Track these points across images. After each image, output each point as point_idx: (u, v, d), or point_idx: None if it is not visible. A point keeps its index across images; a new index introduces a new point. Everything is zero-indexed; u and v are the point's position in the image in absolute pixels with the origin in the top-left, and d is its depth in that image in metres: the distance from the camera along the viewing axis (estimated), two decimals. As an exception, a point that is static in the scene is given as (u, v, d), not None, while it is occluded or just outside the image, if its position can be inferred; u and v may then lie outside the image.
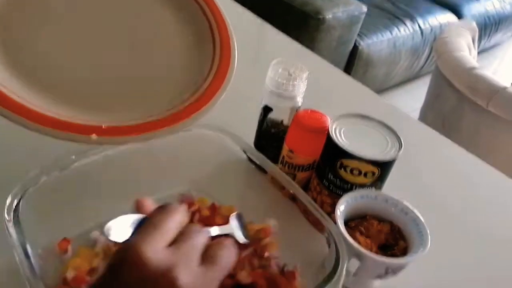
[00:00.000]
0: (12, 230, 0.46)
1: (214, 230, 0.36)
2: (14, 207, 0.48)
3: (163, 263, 0.30)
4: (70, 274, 0.50)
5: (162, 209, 0.35)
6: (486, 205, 0.76)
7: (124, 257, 0.30)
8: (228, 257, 0.34)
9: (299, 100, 0.65)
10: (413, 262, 0.53)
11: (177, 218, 0.34)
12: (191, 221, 0.58)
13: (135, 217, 0.35)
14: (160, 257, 0.30)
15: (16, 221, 0.47)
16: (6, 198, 0.49)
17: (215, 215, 0.61)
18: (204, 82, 0.58)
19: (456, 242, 0.68)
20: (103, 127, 0.50)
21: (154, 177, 0.62)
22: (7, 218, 0.47)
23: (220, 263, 0.33)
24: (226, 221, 0.60)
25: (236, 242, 0.36)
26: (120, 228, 0.33)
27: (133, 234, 0.33)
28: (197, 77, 0.59)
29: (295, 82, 0.63)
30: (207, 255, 0.33)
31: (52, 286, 0.48)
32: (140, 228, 0.33)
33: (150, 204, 0.36)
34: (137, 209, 0.36)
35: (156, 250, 0.30)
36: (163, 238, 0.32)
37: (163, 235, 0.32)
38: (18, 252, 0.45)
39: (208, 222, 0.59)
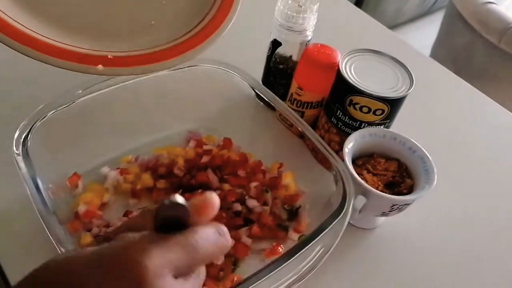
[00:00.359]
0: (21, 164, 0.47)
1: None
2: (22, 140, 0.48)
3: None
4: (81, 209, 0.51)
5: (219, 237, 0.29)
6: (495, 144, 0.76)
7: (129, 270, 0.25)
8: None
9: (309, 34, 0.63)
10: (418, 200, 0.53)
11: (218, 252, 0.29)
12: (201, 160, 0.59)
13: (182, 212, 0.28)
14: (165, 285, 0.25)
15: (25, 155, 0.47)
16: (14, 132, 0.49)
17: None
18: (209, 12, 0.56)
19: (462, 180, 0.68)
20: (109, 57, 0.49)
21: (162, 114, 0.62)
22: (16, 152, 0.47)
23: None
24: (243, 158, 0.60)
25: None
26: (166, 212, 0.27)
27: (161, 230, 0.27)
28: (202, 7, 0.57)
29: (305, 15, 0.60)
30: None
31: (64, 220, 0.49)
32: (176, 235, 0.27)
33: (212, 210, 0.29)
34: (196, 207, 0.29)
35: (167, 274, 0.26)
36: (189, 264, 0.27)
37: (192, 261, 0.27)
38: (29, 186, 0.45)
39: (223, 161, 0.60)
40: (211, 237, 0.28)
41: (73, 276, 0.25)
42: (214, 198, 0.29)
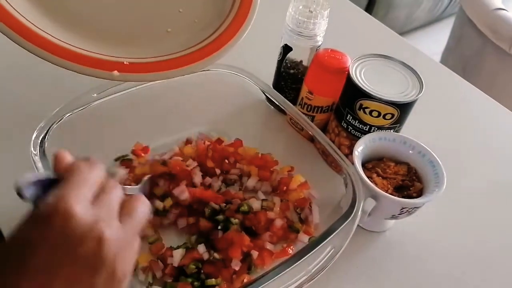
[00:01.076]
0: (39, 164, 0.48)
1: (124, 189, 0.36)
2: (39, 142, 0.50)
3: (90, 218, 0.30)
4: None
5: (85, 163, 0.33)
6: (505, 149, 0.76)
7: (53, 208, 0.29)
8: (143, 211, 0.34)
9: (320, 39, 0.64)
10: (428, 203, 0.54)
11: (99, 173, 0.34)
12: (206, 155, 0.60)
13: (45, 175, 0.33)
14: (87, 211, 0.30)
15: (43, 156, 0.49)
16: (32, 134, 0.50)
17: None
18: (225, 20, 0.57)
19: (472, 184, 0.69)
20: (125, 63, 0.50)
21: (174, 117, 0.63)
22: (33, 152, 0.49)
23: (136, 217, 0.33)
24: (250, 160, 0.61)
25: None
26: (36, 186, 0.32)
27: (53, 187, 0.31)
28: (219, 15, 0.58)
29: (316, 20, 0.61)
30: (124, 210, 0.33)
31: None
32: (68, 179, 0.31)
33: (69, 158, 0.34)
34: (56, 163, 0.34)
35: (84, 204, 0.30)
36: (89, 193, 0.32)
37: (89, 189, 0.32)
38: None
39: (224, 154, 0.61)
40: (80, 162, 0.33)
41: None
42: (60, 153, 0.34)
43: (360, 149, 0.57)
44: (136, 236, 0.33)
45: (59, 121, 0.53)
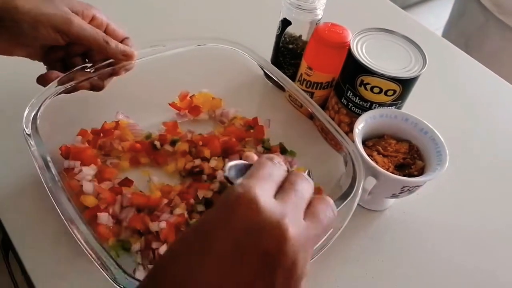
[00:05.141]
0: (31, 141, 0.47)
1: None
2: (31, 118, 0.48)
3: (275, 212, 0.29)
4: None
5: (268, 157, 0.33)
6: (508, 126, 0.75)
7: (239, 196, 0.29)
8: (330, 217, 0.33)
9: (319, 12, 0.62)
10: (429, 182, 0.53)
11: (283, 167, 0.33)
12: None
13: (243, 163, 0.34)
14: (272, 205, 0.29)
15: (35, 133, 0.47)
16: (24, 111, 0.49)
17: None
18: None
19: (474, 163, 0.68)
20: None
21: (170, 93, 0.62)
22: (25, 129, 0.47)
23: (323, 222, 0.32)
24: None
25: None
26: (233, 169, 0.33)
27: (242, 176, 0.32)
28: None
29: (316, -7, 0.59)
30: (311, 211, 0.32)
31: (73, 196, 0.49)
32: (252, 172, 0.32)
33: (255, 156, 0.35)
34: (245, 159, 0.35)
35: (269, 197, 0.30)
36: (274, 186, 0.31)
37: (274, 182, 0.32)
38: (38, 163, 0.45)
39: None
40: (266, 158, 0.34)
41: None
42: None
43: (360, 126, 0.55)
44: (318, 240, 0.32)
45: (51, 96, 0.51)
